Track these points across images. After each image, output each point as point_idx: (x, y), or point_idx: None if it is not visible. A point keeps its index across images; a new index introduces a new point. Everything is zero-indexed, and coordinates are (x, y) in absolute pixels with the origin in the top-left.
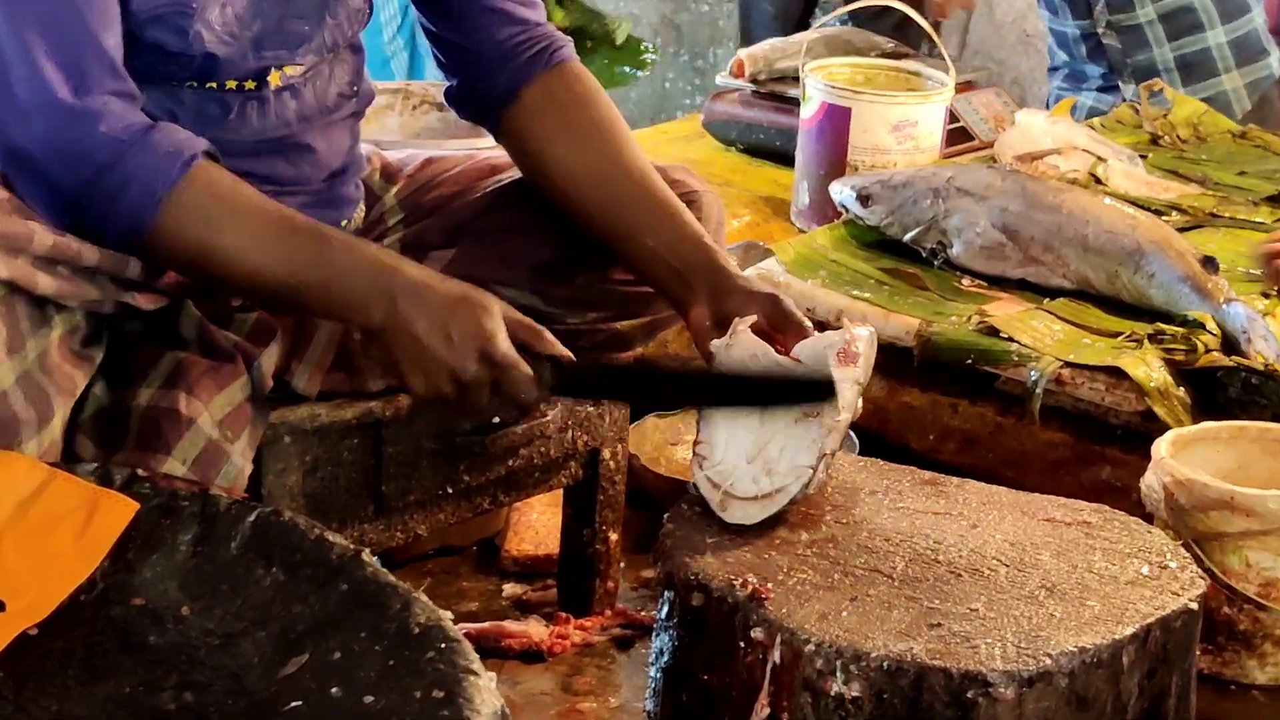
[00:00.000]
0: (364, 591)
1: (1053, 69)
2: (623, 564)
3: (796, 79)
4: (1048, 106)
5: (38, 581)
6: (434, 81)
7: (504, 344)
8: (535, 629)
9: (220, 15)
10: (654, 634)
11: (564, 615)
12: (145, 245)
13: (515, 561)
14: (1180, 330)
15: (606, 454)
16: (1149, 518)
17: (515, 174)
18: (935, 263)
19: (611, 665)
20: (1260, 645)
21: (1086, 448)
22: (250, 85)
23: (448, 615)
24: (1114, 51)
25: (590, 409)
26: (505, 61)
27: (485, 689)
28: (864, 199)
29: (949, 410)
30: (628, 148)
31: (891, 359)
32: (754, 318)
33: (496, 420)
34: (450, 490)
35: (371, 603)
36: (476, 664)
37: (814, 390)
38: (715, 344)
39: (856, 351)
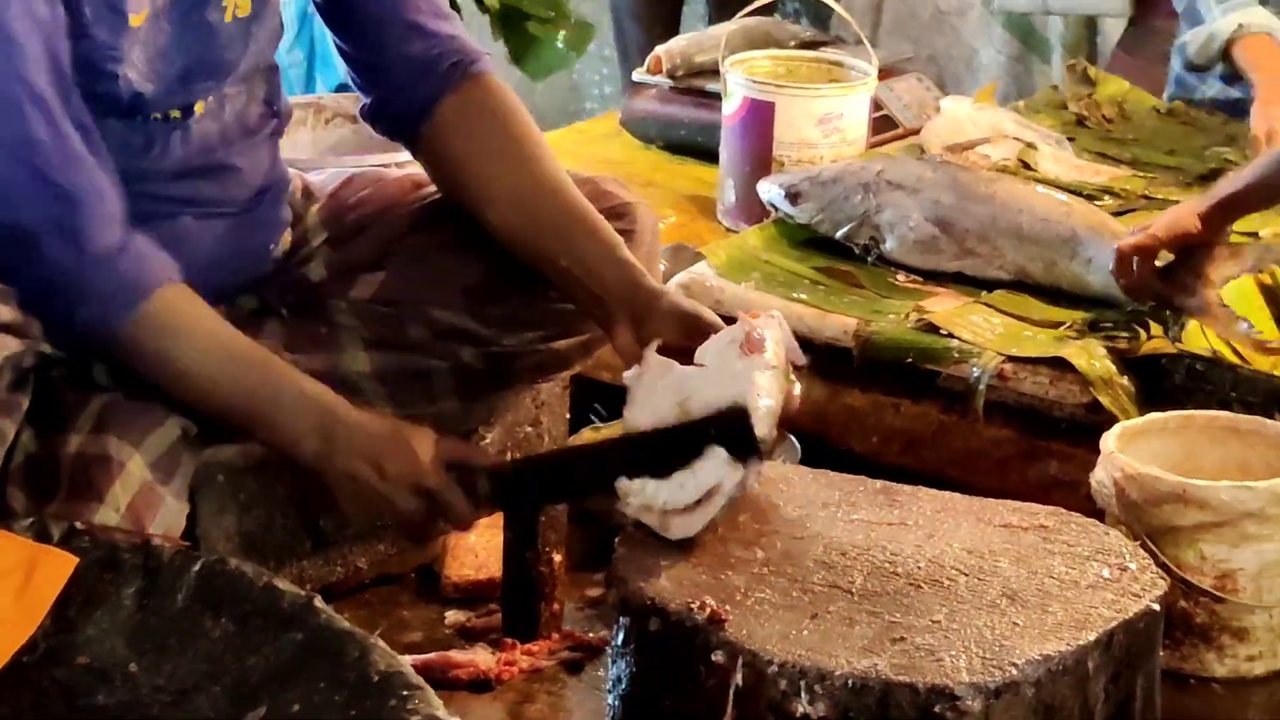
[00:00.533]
0: (319, 640)
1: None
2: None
3: (716, 73)
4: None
5: None
6: (347, 95)
7: (435, 475)
8: (482, 657)
9: (144, 54)
10: (610, 661)
11: (510, 641)
12: (103, 347)
13: (456, 587)
14: (1122, 318)
15: None
16: (1100, 513)
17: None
18: (869, 259)
19: (563, 690)
20: (1218, 638)
21: (1032, 443)
22: (175, 114)
23: (406, 661)
24: None
25: (529, 429)
26: (418, 77)
27: None
28: (793, 197)
29: (891, 411)
30: (545, 164)
31: (831, 360)
32: (658, 341)
33: None
34: (390, 522)
35: (327, 651)
36: (440, 710)
37: (733, 418)
38: (627, 376)
39: (760, 338)
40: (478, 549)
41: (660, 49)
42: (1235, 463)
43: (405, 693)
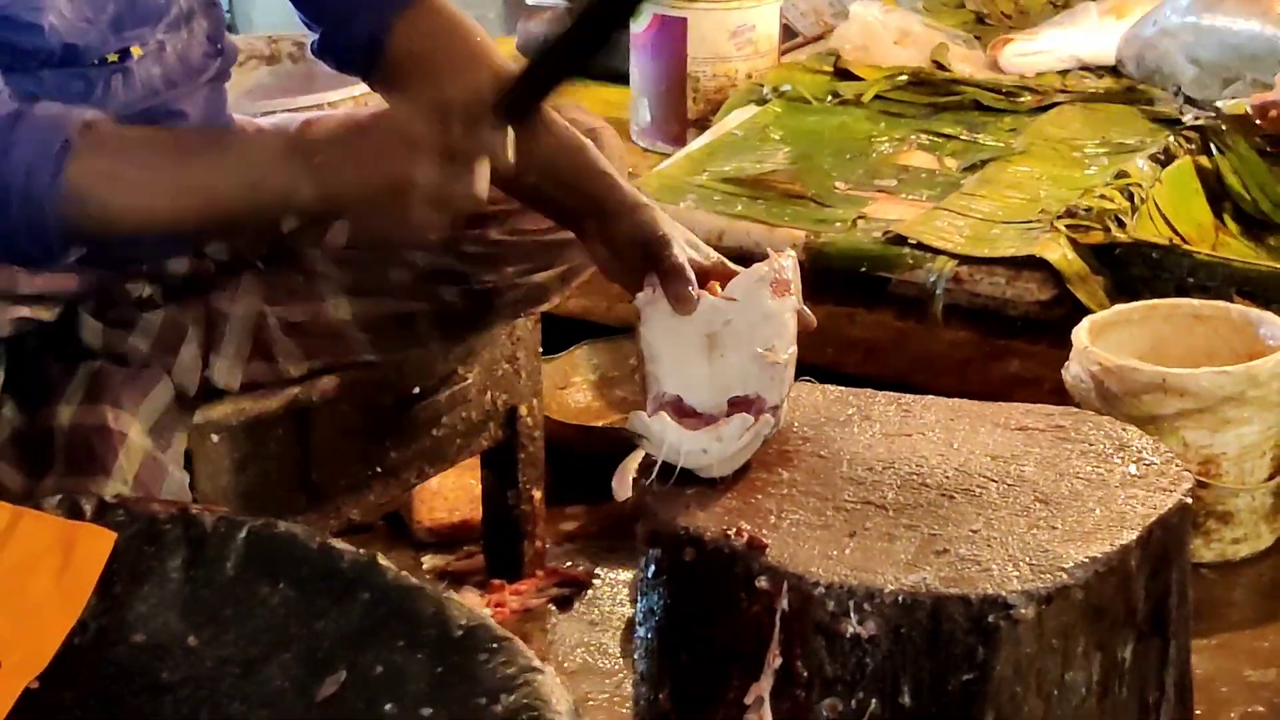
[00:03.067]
0: (389, 598)
1: None
2: None
3: None
4: None
5: (26, 632)
6: (259, 35)
7: (430, 121)
8: (471, 600)
9: (70, 3)
10: (639, 594)
11: (498, 582)
12: (54, 226)
13: (430, 532)
14: (1095, 205)
15: (524, 411)
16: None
17: None
18: None
19: (557, 627)
20: (1204, 523)
21: (992, 343)
22: (113, 58)
23: (473, 595)
24: None
25: (506, 365)
26: (363, 5)
27: (555, 687)
28: None
29: (846, 321)
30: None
31: None
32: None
33: (417, 391)
34: (379, 469)
35: (400, 609)
36: (536, 660)
37: None
38: (639, 297)
39: (787, 279)
40: (445, 492)
41: None
42: (1201, 349)
43: (494, 645)
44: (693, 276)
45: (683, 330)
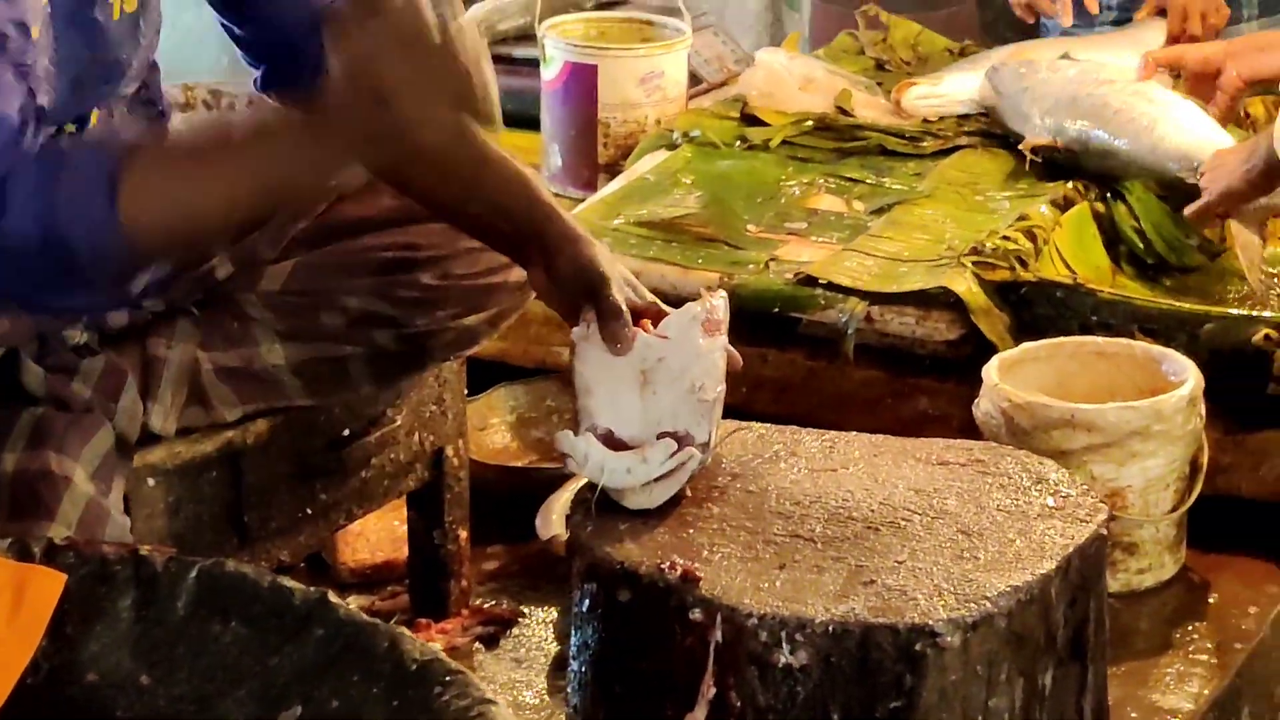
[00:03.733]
0: (343, 634)
1: None
2: None
3: (520, 39)
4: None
5: None
6: (174, 83)
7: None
8: (440, 651)
9: (42, 66)
10: (573, 628)
11: (423, 621)
12: (118, 259)
13: (353, 572)
14: (999, 245)
15: (450, 451)
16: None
17: None
18: None
19: (484, 665)
20: (1111, 554)
21: (901, 382)
22: (70, 129)
23: (438, 647)
24: None
25: (433, 408)
26: (303, 38)
27: (509, 719)
28: None
29: (759, 360)
30: None
31: None
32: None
33: (347, 433)
34: (309, 511)
35: (354, 644)
36: (489, 694)
37: None
38: (575, 332)
39: (719, 319)
40: (368, 534)
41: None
42: (1104, 385)
43: (448, 678)
44: (629, 317)
45: (616, 366)
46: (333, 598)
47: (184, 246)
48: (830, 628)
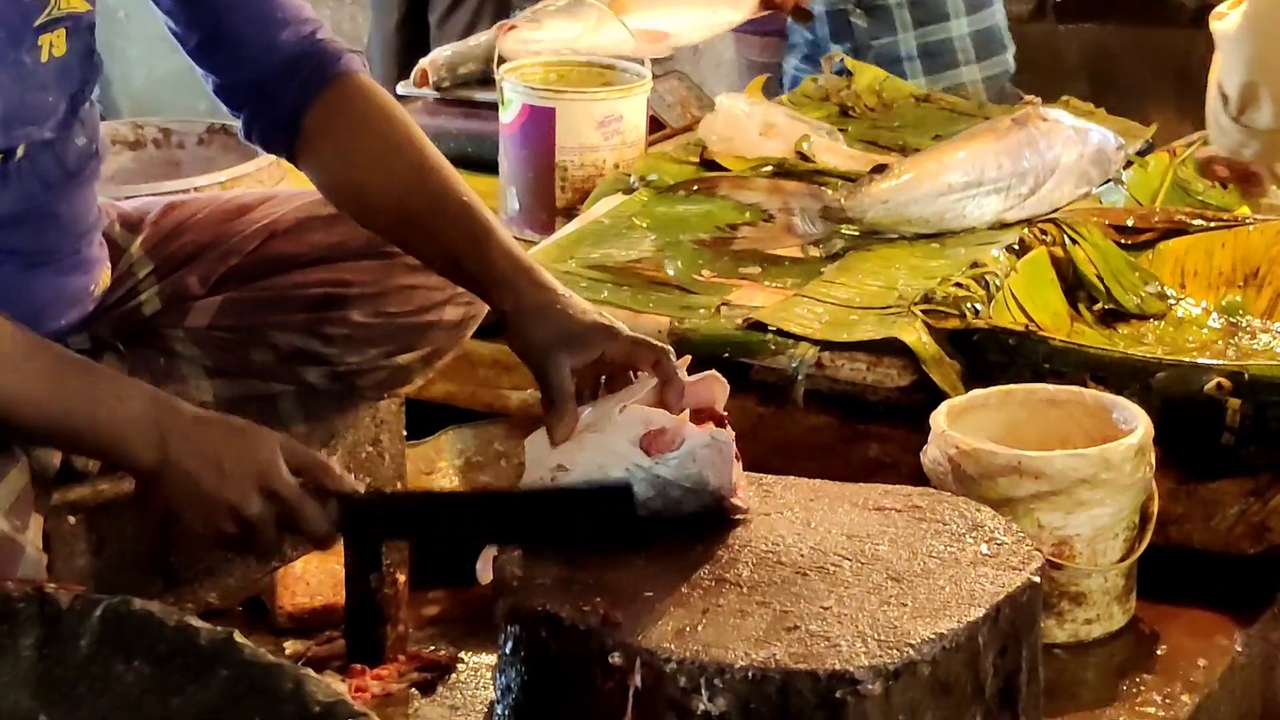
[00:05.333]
0: (247, 675)
1: (791, 46)
2: None
3: (481, 83)
4: (785, 86)
5: None
6: (124, 120)
7: (284, 475)
8: (344, 693)
9: None
10: (498, 671)
11: (359, 667)
12: None
13: (291, 617)
14: (950, 293)
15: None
16: None
17: (269, 211)
18: None
19: (419, 712)
20: (1058, 604)
21: (852, 428)
22: None
23: (344, 689)
24: (860, 32)
25: (369, 449)
26: (279, 90)
27: None
28: None
29: None
30: (418, 161)
31: None
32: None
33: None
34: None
35: (258, 686)
36: None
37: (615, 497)
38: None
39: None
40: (307, 577)
41: (424, 61)
42: (1055, 433)
43: None
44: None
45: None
46: (239, 638)
47: None
48: (750, 673)
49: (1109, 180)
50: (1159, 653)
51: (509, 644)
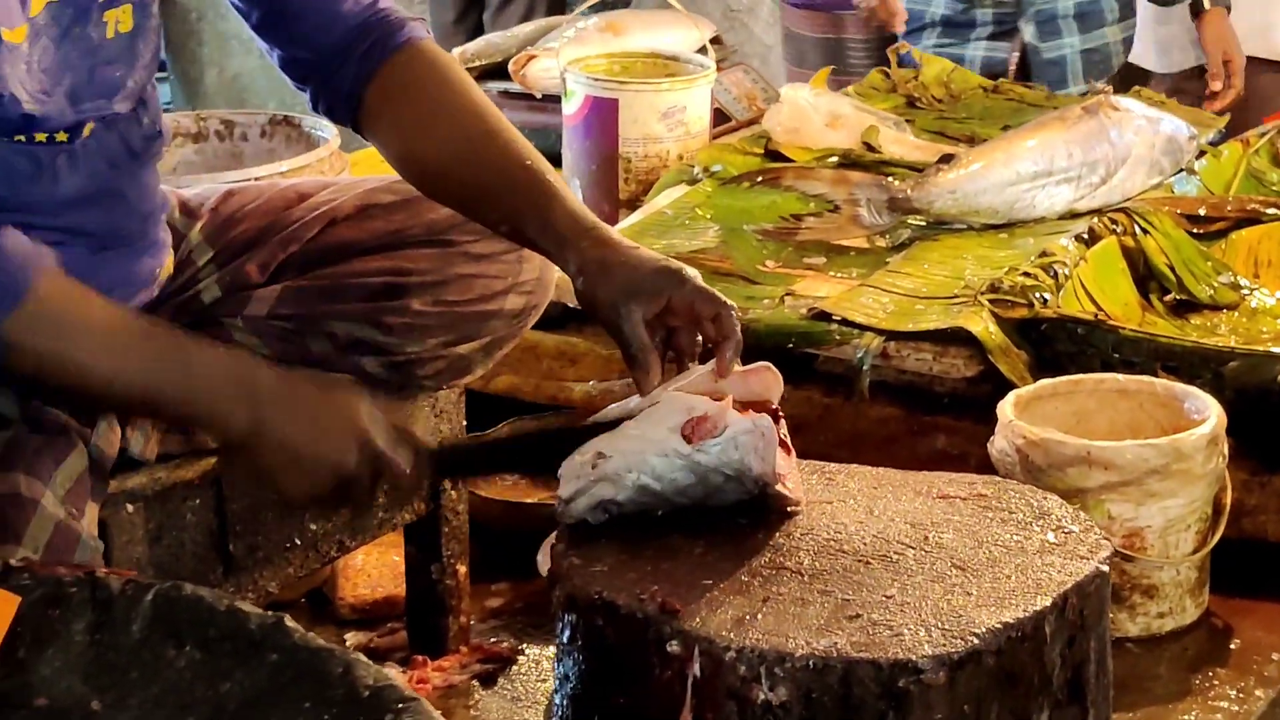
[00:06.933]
0: (296, 659)
1: (919, 28)
2: None
3: (493, 75)
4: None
5: None
6: (187, 112)
7: (379, 426)
8: (394, 677)
9: (28, 73)
10: (556, 660)
11: (420, 658)
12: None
13: (353, 609)
14: (1018, 282)
15: (448, 484)
16: None
17: (329, 198)
18: None
19: (480, 703)
20: (1129, 597)
21: (918, 419)
22: (62, 137)
23: (394, 672)
24: None
25: (430, 439)
26: (343, 61)
27: None
28: None
29: None
30: (483, 127)
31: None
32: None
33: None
34: (298, 541)
35: (308, 670)
36: (439, 718)
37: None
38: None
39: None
40: (369, 569)
41: (456, 51)
42: (1125, 423)
43: (400, 705)
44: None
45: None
46: (289, 621)
47: (55, 390)
48: (811, 662)
49: (1181, 170)
50: (1232, 647)
51: (566, 632)
